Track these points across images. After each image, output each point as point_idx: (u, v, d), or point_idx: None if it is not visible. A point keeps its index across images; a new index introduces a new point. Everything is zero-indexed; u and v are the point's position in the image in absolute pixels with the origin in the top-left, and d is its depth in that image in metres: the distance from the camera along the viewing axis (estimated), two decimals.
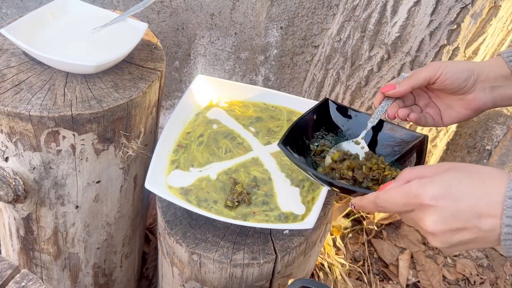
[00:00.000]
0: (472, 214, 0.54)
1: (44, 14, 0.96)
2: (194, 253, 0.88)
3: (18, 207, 0.97)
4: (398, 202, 0.60)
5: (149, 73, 0.95)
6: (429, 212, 0.57)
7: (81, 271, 1.13)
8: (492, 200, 0.53)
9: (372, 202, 0.64)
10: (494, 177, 0.55)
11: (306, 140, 0.88)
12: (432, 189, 0.56)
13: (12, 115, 0.82)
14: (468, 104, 0.80)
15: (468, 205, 0.54)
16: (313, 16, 1.41)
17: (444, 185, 0.56)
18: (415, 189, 0.58)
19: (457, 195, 0.55)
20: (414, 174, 0.61)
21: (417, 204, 0.58)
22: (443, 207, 0.56)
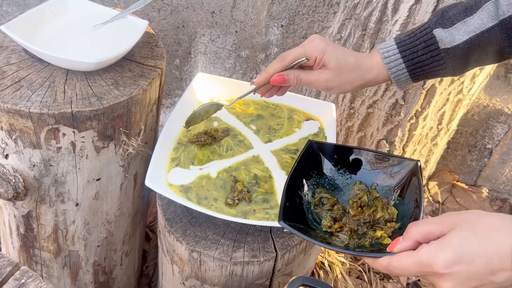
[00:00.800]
0: (486, 273, 0.58)
1: (44, 11, 0.96)
2: (194, 251, 0.88)
3: (18, 205, 0.97)
4: (412, 270, 0.62)
5: (150, 71, 0.94)
6: (445, 278, 0.59)
7: (81, 269, 1.13)
8: (502, 255, 0.56)
9: (385, 267, 0.65)
10: (499, 230, 0.58)
11: (301, 194, 0.82)
12: (443, 257, 0.58)
13: (12, 112, 0.81)
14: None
15: (481, 265, 0.57)
16: (313, 14, 1.41)
17: (454, 250, 0.58)
18: (426, 258, 0.60)
19: (469, 258, 0.57)
20: (420, 233, 0.62)
21: (431, 273, 0.60)
22: (458, 273, 0.58)
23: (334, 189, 0.85)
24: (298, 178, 0.82)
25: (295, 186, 0.81)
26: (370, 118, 1.38)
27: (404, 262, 0.62)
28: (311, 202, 0.82)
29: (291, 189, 0.80)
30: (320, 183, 0.85)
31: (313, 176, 0.85)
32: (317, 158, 0.86)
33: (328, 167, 0.86)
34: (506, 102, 1.53)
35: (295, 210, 0.79)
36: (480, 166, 1.69)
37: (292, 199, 0.79)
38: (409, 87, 1.27)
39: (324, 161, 0.86)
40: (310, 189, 0.83)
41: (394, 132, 1.38)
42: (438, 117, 1.39)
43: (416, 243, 0.63)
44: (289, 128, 1.04)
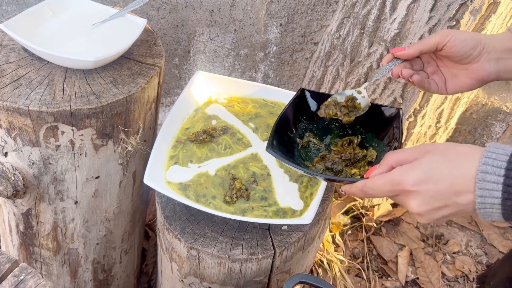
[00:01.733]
0: (450, 193, 0.60)
1: (43, 9, 0.96)
2: (192, 248, 0.88)
3: (17, 202, 0.98)
4: (384, 189, 0.66)
5: (148, 69, 0.95)
6: (413, 196, 0.63)
7: (80, 266, 1.13)
8: (467, 178, 0.59)
9: (360, 189, 0.69)
10: (468, 155, 0.60)
11: (290, 134, 0.90)
12: (412, 176, 0.62)
13: (11, 110, 0.82)
14: (472, 73, 0.82)
15: (446, 186, 0.60)
16: (312, 13, 1.41)
17: (423, 170, 0.62)
18: (397, 176, 0.64)
19: (436, 178, 0.61)
20: (395, 160, 0.66)
21: (401, 190, 0.64)
22: (424, 191, 0.62)
23: (321, 135, 0.92)
24: (288, 120, 0.89)
25: (285, 126, 0.88)
26: None
27: (377, 182, 0.66)
28: (299, 143, 0.89)
29: (281, 127, 0.86)
30: (308, 128, 0.92)
31: (302, 120, 0.92)
32: (307, 105, 0.92)
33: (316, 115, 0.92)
34: (505, 101, 1.53)
35: (283, 145, 0.86)
36: None
37: (281, 136, 0.86)
38: (407, 85, 1.27)
39: (313, 108, 0.93)
40: (298, 132, 0.91)
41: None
42: (437, 116, 1.40)
43: (390, 168, 0.67)
44: None
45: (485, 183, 0.57)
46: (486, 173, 0.57)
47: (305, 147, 0.90)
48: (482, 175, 0.57)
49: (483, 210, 0.59)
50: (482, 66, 0.81)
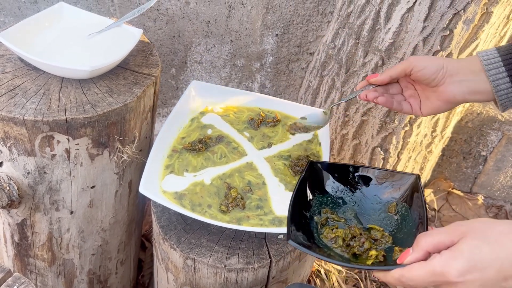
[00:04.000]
0: (499, 279, 0.58)
1: (39, 20, 0.97)
2: (188, 258, 0.88)
3: (12, 213, 0.97)
4: (425, 281, 0.62)
5: (144, 79, 0.95)
6: (459, 287, 0.59)
7: (76, 277, 1.12)
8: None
9: (397, 279, 0.65)
10: (508, 236, 0.58)
11: (306, 213, 0.84)
12: (456, 266, 0.59)
13: (7, 119, 0.82)
14: (440, 95, 0.88)
15: (494, 272, 0.58)
16: (308, 24, 1.43)
17: (467, 258, 0.58)
18: (439, 267, 0.60)
19: (481, 266, 0.58)
20: (430, 244, 0.63)
21: (445, 282, 0.60)
22: (471, 281, 0.59)
23: (337, 207, 0.86)
24: (301, 198, 0.84)
25: (299, 206, 0.82)
26: (364, 125, 1.39)
27: (416, 273, 0.62)
28: (317, 221, 0.83)
29: (296, 208, 0.80)
30: (323, 202, 0.86)
31: (316, 195, 0.86)
32: (319, 178, 0.88)
33: (330, 186, 0.88)
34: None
35: (302, 229, 0.79)
36: (475, 173, 1.70)
37: (297, 218, 0.80)
38: None
39: (325, 180, 0.88)
40: (314, 209, 0.85)
41: (388, 140, 1.39)
42: (432, 124, 1.40)
43: (426, 254, 0.63)
44: (283, 135, 1.05)
45: None
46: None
47: (324, 224, 0.84)
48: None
49: None
50: (447, 88, 0.86)
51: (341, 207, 0.86)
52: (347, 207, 0.86)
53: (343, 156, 1.48)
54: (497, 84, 0.83)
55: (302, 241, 0.75)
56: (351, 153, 1.46)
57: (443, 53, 1.19)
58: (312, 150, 1.03)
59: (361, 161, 1.46)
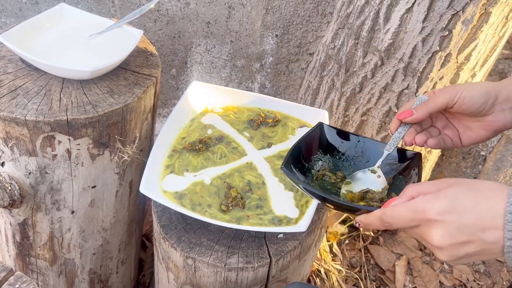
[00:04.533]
0: (476, 227, 0.57)
1: (41, 21, 0.98)
2: (188, 257, 0.88)
3: (14, 212, 0.98)
4: (405, 218, 0.62)
5: (144, 79, 0.96)
6: (436, 227, 0.59)
7: (77, 277, 1.13)
8: (495, 214, 0.56)
9: (378, 218, 0.65)
10: (495, 191, 0.57)
11: (305, 163, 0.87)
12: (438, 204, 0.58)
13: (8, 120, 0.83)
14: (487, 125, 0.80)
15: (473, 219, 0.57)
16: (307, 24, 1.43)
17: (449, 200, 0.58)
18: (421, 204, 0.60)
19: (462, 209, 0.57)
20: (417, 191, 0.63)
21: (424, 220, 0.60)
22: (449, 222, 0.58)
23: (336, 169, 0.90)
24: (305, 150, 0.87)
25: (300, 155, 0.86)
26: (364, 125, 1.39)
27: (397, 210, 0.62)
28: (314, 174, 0.87)
29: (297, 154, 0.84)
30: (324, 161, 0.90)
31: (318, 153, 0.90)
32: (325, 139, 0.91)
33: (334, 150, 0.91)
34: None
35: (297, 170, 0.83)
36: (475, 173, 1.70)
37: (296, 162, 0.83)
38: (401, 95, 1.29)
39: (331, 143, 0.91)
40: (314, 163, 0.89)
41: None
42: None
43: (411, 199, 0.63)
44: (283, 135, 1.05)
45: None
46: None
47: (319, 179, 0.87)
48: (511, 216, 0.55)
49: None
50: (496, 118, 0.78)
51: (339, 170, 0.90)
52: (345, 171, 0.89)
53: None
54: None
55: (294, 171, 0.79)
56: None
57: (442, 54, 1.19)
58: None
59: None
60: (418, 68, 1.23)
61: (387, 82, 1.27)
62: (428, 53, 1.19)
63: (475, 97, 0.77)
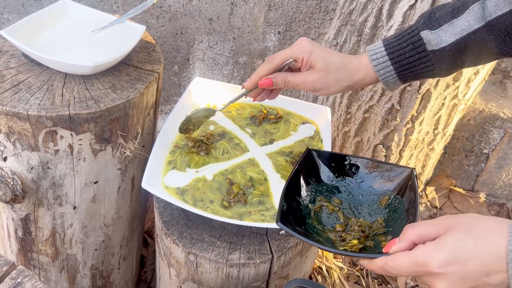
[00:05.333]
0: (481, 274, 0.57)
1: (43, 16, 0.98)
2: (190, 253, 0.88)
3: (16, 208, 0.98)
4: (407, 270, 0.62)
5: (147, 75, 0.96)
6: (440, 279, 0.59)
7: (78, 272, 1.13)
8: (498, 257, 0.56)
9: (381, 267, 0.66)
10: (495, 231, 0.58)
11: (299, 199, 0.84)
12: (438, 257, 0.58)
13: (11, 114, 0.83)
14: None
15: (476, 266, 0.57)
16: (310, 21, 1.43)
17: (449, 250, 0.58)
18: (421, 257, 0.60)
19: (463, 258, 0.58)
20: (416, 235, 0.63)
21: (426, 272, 0.60)
22: (452, 273, 0.58)
23: (331, 196, 0.87)
24: (296, 184, 0.84)
25: (293, 191, 0.82)
26: (366, 123, 1.39)
27: (399, 261, 0.62)
28: (312, 208, 0.83)
29: (289, 194, 0.81)
30: (318, 190, 0.86)
31: (311, 183, 0.87)
32: (315, 166, 0.88)
33: (326, 175, 0.88)
34: (502, 107, 1.54)
35: (293, 214, 0.80)
36: (477, 171, 1.70)
37: (290, 203, 0.80)
38: (404, 92, 1.28)
39: (322, 169, 0.88)
40: (308, 195, 0.85)
41: (390, 137, 1.39)
42: (434, 122, 1.40)
43: (412, 244, 0.63)
44: (285, 131, 1.05)
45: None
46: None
47: (318, 212, 0.84)
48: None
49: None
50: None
51: (335, 196, 0.87)
52: (341, 197, 0.87)
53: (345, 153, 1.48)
54: (385, 78, 0.86)
55: (291, 224, 0.76)
56: (353, 151, 1.46)
57: None
58: (314, 147, 1.03)
59: None
60: None
61: None
62: None
63: (332, 87, 0.87)
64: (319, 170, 0.89)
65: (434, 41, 0.82)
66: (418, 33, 0.83)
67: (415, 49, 0.83)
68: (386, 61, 0.85)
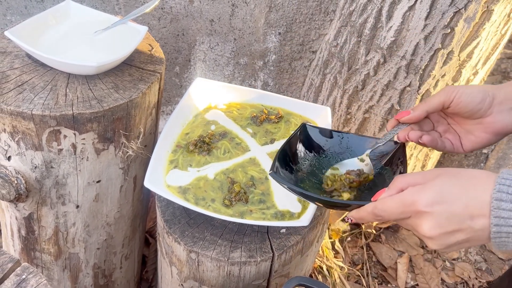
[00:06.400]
0: (465, 216, 0.58)
1: (47, 18, 0.99)
2: (192, 251, 0.89)
3: (19, 207, 0.99)
4: (395, 211, 0.63)
5: (149, 75, 0.97)
6: (425, 218, 0.60)
7: (81, 271, 1.14)
8: (482, 201, 0.57)
9: (370, 212, 0.67)
10: (482, 179, 0.59)
11: (293, 166, 0.87)
12: (426, 196, 0.60)
13: (15, 114, 0.84)
14: (487, 127, 0.78)
15: (461, 208, 0.58)
16: (310, 22, 1.44)
17: (437, 190, 0.60)
18: (410, 196, 0.61)
19: (450, 199, 0.59)
20: (406, 182, 0.64)
21: (413, 211, 0.61)
22: (438, 212, 0.59)
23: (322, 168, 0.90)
24: (290, 151, 0.87)
25: (287, 157, 0.86)
26: (366, 123, 1.40)
27: (388, 203, 0.64)
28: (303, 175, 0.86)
29: (283, 157, 0.84)
30: (310, 160, 0.90)
31: (304, 153, 0.90)
32: (310, 139, 0.91)
33: (319, 148, 0.91)
34: None
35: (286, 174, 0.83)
36: None
37: (283, 166, 0.84)
38: (404, 92, 1.29)
39: (316, 142, 0.91)
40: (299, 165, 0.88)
41: None
42: None
43: (400, 191, 0.64)
44: (286, 131, 1.06)
45: (500, 211, 0.56)
46: (501, 201, 0.56)
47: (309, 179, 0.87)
48: (497, 203, 0.56)
49: (499, 240, 0.57)
50: (496, 118, 0.76)
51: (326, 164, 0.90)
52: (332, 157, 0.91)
53: None
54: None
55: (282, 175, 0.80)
56: None
57: (444, 51, 1.20)
58: None
59: None
60: (420, 65, 1.23)
61: (390, 80, 1.28)
62: (430, 51, 1.20)
63: (472, 94, 0.76)
64: (313, 142, 0.91)
65: None
66: None
67: None
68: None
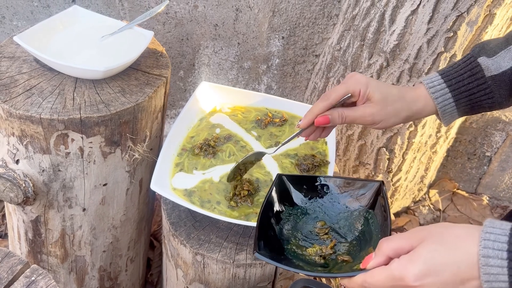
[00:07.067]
0: (456, 282, 0.59)
1: (54, 23, 1.00)
2: (198, 253, 0.90)
3: (27, 210, 1.00)
4: (386, 285, 0.63)
5: (155, 79, 0.98)
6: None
7: (87, 274, 1.15)
8: (470, 263, 0.58)
9: (360, 285, 0.66)
10: (466, 238, 0.59)
11: (275, 226, 0.82)
12: (413, 270, 0.60)
13: (24, 118, 0.85)
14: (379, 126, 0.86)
15: (450, 275, 0.59)
16: (313, 26, 1.45)
17: (423, 262, 0.60)
18: (397, 272, 0.61)
19: (438, 269, 0.59)
20: (391, 249, 0.64)
21: (404, 286, 0.61)
22: (428, 285, 0.59)
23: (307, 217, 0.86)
24: (271, 211, 0.83)
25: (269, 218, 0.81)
26: None
27: (377, 278, 0.63)
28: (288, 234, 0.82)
29: (265, 222, 0.80)
30: (293, 213, 0.85)
31: (285, 208, 0.85)
32: (287, 190, 0.86)
33: (299, 198, 0.87)
34: (504, 110, 1.55)
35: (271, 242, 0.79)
36: (480, 174, 1.71)
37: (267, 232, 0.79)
38: None
39: (293, 193, 0.87)
40: (284, 221, 0.84)
41: (393, 140, 1.40)
42: (437, 125, 1.42)
43: (388, 259, 0.64)
44: (290, 134, 1.07)
45: (489, 267, 0.56)
46: (488, 258, 0.56)
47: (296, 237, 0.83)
48: (485, 260, 0.56)
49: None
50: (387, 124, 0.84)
51: (311, 217, 0.86)
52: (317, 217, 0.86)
53: (349, 156, 1.50)
54: (443, 106, 0.83)
55: (270, 253, 0.75)
56: (356, 154, 1.48)
57: (447, 55, 1.21)
58: (319, 149, 1.05)
59: (366, 161, 1.48)
60: (423, 69, 1.24)
61: (393, 83, 1.29)
62: (433, 54, 1.21)
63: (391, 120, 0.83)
64: (292, 193, 0.87)
65: (493, 67, 0.80)
66: (475, 60, 0.81)
67: (473, 76, 0.81)
68: (443, 88, 0.82)
